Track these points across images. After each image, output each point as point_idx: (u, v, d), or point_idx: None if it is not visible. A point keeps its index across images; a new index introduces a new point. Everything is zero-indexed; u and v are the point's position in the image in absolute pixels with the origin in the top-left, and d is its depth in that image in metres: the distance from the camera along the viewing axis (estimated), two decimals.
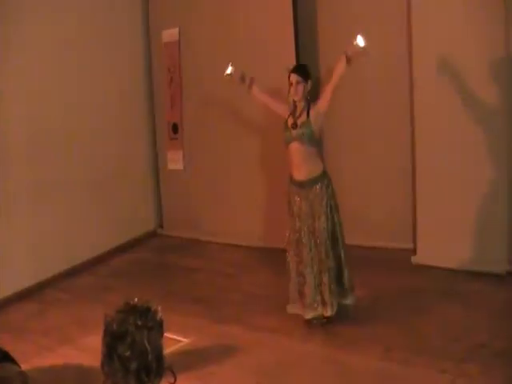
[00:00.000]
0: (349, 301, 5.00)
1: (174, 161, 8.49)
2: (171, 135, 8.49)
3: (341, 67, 4.74)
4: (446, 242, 6.00)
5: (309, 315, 4.90)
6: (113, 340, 2.21)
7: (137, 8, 8.44)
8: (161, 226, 8.81)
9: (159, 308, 2.31)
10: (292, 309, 5.07)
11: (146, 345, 2.21)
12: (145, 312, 2.27)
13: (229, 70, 5.20)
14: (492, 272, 5.66)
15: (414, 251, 6.38)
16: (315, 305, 4.84)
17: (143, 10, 8.52)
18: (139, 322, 2.22)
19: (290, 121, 4.92)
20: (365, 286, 5.61)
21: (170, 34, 8.33)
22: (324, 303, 4.83)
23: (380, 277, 6.00)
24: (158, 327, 2.28)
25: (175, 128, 8.43)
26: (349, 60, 4.68)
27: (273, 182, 7.11)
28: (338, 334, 4.79)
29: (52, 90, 6.86)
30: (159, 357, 2.24)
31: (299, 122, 4.85)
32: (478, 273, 5.71)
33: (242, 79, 5.20)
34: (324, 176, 4.90)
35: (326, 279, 4.82)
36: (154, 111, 8.69)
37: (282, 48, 6.90)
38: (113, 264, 7.40)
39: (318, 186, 4.84)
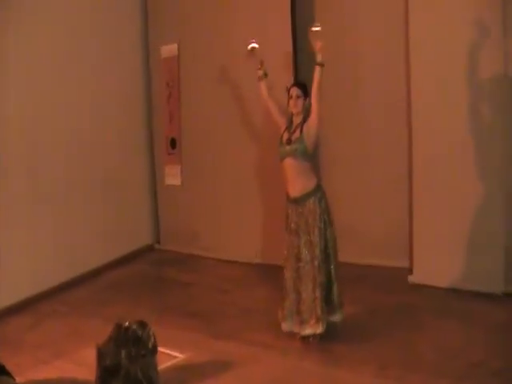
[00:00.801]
0: (336, 318, 4.97)
1: (172, 176, 8.51)
2: (169, 150, 8.52)
3: (316, 75, 4.82)
4: (443, 262, 6.00)
5: (305, 332, 4.88)
6: (106, 374, 2.21)
7: (136, 24, 8.51)
8: (158, 241, 8.82)
9: (152, 333, 2.30)
10: (287, 327, 5.06)
11: (140, 377, 2.21)
12: (137, 341, 2.27)
13: (253, 45, 5.23)
14: (488, 292, 5.67)
15: (410, 270, 6.39)
16: (312, 321, 4.83)
17: (142, 26, 8.59)
18: (132, 353, 2.22)
19: (285, 136, 4.95)
20: (360, 304, 5.64)
21: (168, 50, 8.39)
22: (317, 319, 4.84)
23: (376, 295, 6.01)
24: (151, 353, 2.29)
25: (173, 143, 8.46)
26: (319, 63, 4.81)
27: (270, 198, 7.13)
28: (333, 351, 4.78)
29: (51, 104, 6.89)
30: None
31: (293, 137, 4.87)
32: (474, 292, 5.72)
33: (261, 64, 5.24)
34: (317, 190, 4.89)
35: (318, 294, 4.82)
36: (153, 126, 8.73)
37: (281, 63, 6.94)
38: (110, 278, 7.39)
39: (311, 201, 4.84)
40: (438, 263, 6.04)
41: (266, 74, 5.22)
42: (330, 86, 7.03)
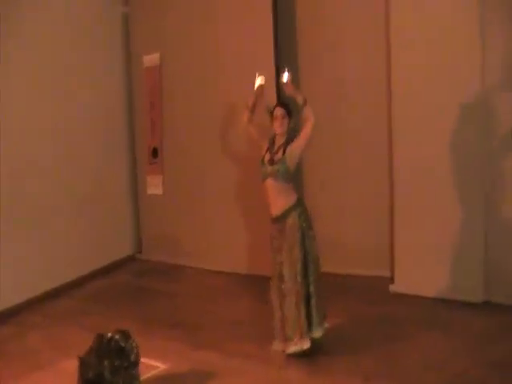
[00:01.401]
0: (317, 334, 4.89)
1: (154, 185, 8.50)
2: (151, 160, 8.51)
3: (307, 113, 4.81)
4: (424, 271, 6.06)
5: (290, 350, 4.84)
6: None
7: (118, 33, 8.51)
8: (139, 251, 8.79)
9: (135, 344, 2.30)
10: (276, 345, 5.03)
11: None
12: (119, 352, 2.27)
13: (261, 81, 5.10)
14: (468, 301, 5.73)
15: (391, 279, 6.43)
16: (296, 338, 4.79)
17: (124, 35, 8.58)
18: (115, 364, 2.21)
19: (267, 157, 4.92)
20: (343, 314, 5.65)
21: (150, 59, 8.39)
22: (301, 335, 4.83)
23: (358, 305, 6.03)
24: (134, 365, 2.29)
25: (155, 152, 8.45)
26: (304, 104, 4.82)
27: (252, 208, 7.12)
28: (317, 363, 4.78)
29: (33, 114, 6.84)
30: None
31: (276, 158, 4.85)
32: (454, 301, 5.78)
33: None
34: (298, 205, 4.88)
35: (302, 309, 4.80)
36: (135, 135, 8.72)
37: (264, 73, 6.94)
38: (91, 288, 7.35)
39: (291, 216, 4.83)
40: (419, 273, 6.10)
41: (253, 111, 5.13)
42: (310, 101, 7.15)
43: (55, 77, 7.17)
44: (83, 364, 2.25)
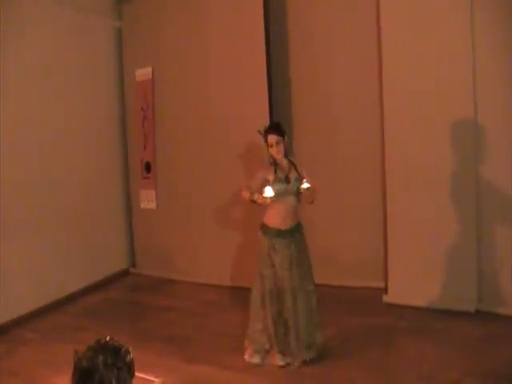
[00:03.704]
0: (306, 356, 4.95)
1: (147, 200, 8.50)
2: (144, 174, 8.51)
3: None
4: (417, 281, 6.06)
5: (281, 362, 4.92)
6: (81, 376, 2.21)
7: (110, 47, 8.53)
8: (133, 265, 8.77)
9: (130, 349, 2.31)
10: (267, 359, 5.05)
11: None
12: (115, 351, 2.28)
13: (271, 193, 4.72)
14: (462, 310, 5.75)
15: (385, 290, 6.44)
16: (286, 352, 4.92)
17: (117, 49, 8.61)
18: (109, 361, 2.22)
19: (281, 175, 4.90)
20: (335, 325, 5.66)
21: (143, 73, 8.40)
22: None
23: (351, 316, 6.03)
24: (128, 368, 2.28)
25: (148, 167, 8.45)
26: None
27: (245, 222, 7.14)
28: (308, 374, 4.78)
29: (23, 128, 6.81)
30: None
31: (292, 176, 4.91)
32: (448, 311, 5.80)
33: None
34: (301, 225, 5.07)
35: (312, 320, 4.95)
36: (127, 150, 8.72)
37: (255, 88, 7.01)
38: (84, 303, 7.32)
39: (299, 231, 5.00)
40: (413, 283, 6.10)
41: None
42: (302, 115, 7.19)
43: (47, 91, 7.16)
44: (77, 355, 2.25)
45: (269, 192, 4.68)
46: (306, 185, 4.79)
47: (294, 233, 4.96)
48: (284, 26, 7.32)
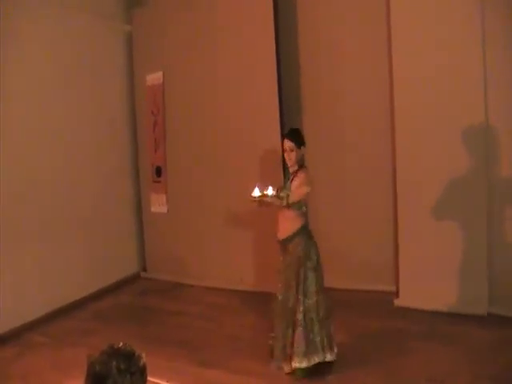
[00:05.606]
0: (299, 365, 4.81)
1: (158, 204, 8.50)
2: (155, 178, 8.52)
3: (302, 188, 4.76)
4: (429, 285, 6.04)
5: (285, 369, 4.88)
6: (95, 381, 2.21)
7: (121, 52, 8.55)
8: (144, 269, 8.78)
9: (143, 354, 2.31)
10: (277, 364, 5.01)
11: None
12: (128, 356, 2.27)
13: (256, 193, 4.69)
14: (474, 313, 5.72)
15: (396, 294, 6.42)
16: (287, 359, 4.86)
17: (128, 54, 8.63)
18: (122, 366, 2.21)
19: (285, 182, 4.98)
20: (347, 329, 5.64)
21: (153, 78, 8.41)
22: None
23: (362, 319, 6.02)
24: (141, 373, 2.28)
25: (159, 171, 8.46)
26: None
27: (257, 226, 7.14)
28: (321, 379, 4.75)
29: (36, 133, 6.84)
30: None
31: (287, 185, 4.89)
32: (459, 314, 5.77)
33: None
34: (299, 233, 4.83)
35: (288, 336, 4.83)
36: (138, 154, 8.74)
37: (266, 91, 7.00)
38: (95, 307, 7.32)
39: (293, 243, 4.83)
40: (424, 287, 6.08)
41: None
42: (311, 114, 7.19)
43: (57, 96, 7.18)
44: (91, 359, 2.25)
45: (255, 192, 4.68)
46: (269, 191, 4.67)
47: (287, 243, 4.87)
48: (294, 30, 7.32)
